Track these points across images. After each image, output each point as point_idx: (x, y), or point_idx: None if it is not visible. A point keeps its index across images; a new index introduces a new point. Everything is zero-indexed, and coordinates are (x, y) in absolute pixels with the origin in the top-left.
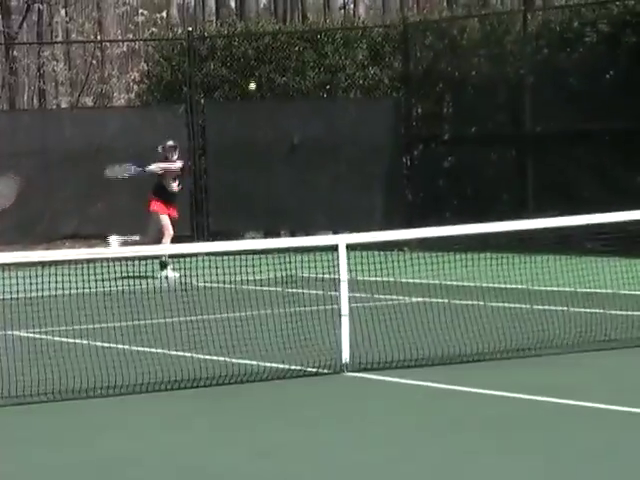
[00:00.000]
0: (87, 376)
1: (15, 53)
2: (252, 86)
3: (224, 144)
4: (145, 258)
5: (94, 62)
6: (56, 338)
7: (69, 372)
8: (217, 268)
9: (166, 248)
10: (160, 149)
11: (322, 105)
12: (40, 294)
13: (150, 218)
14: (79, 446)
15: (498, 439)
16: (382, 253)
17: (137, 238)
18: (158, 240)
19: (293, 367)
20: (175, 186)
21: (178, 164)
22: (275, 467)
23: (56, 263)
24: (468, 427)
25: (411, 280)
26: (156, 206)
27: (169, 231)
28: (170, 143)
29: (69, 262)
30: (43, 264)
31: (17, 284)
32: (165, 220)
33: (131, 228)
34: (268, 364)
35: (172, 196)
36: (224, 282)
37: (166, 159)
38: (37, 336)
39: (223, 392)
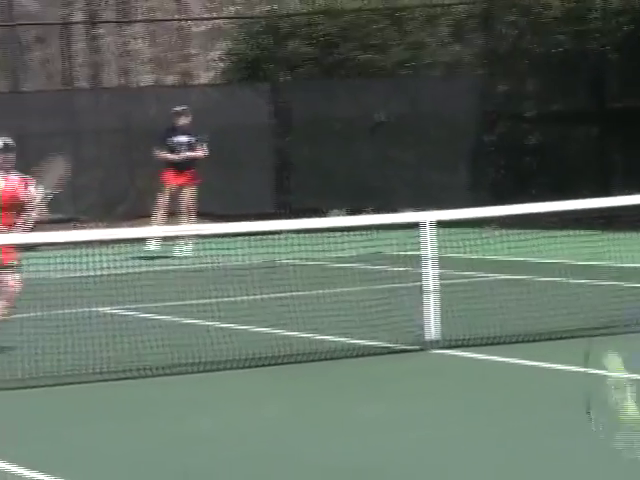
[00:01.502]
0: (171, 352)
1: (98, 32)
2: None
3: (307, 122)
4: (229, 235)
5: (176, 40)
6: (141, 315)
7: (153, 349)
8: (301, 245)
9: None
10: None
11: (405, 83)
12: (125, 271)
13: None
14: (161, 422)
15: (582, 416)
16: (466, 230)
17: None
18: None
19: (378, 344)
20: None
21: (200, 153)
22: (359, 443)
23: (140, 240)
24: (552, 404)
25: (495, 257)
26: (164, 178)
27: (159, 207)
28: (177, 109)
29: (154, 239)
30: (128, 241)
31: (102, 261)
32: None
33: (212, 205)
34: (353, 341)
35: (179, 163)
36: (308, 260)
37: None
38: (122, 312)
39: (308, 369)
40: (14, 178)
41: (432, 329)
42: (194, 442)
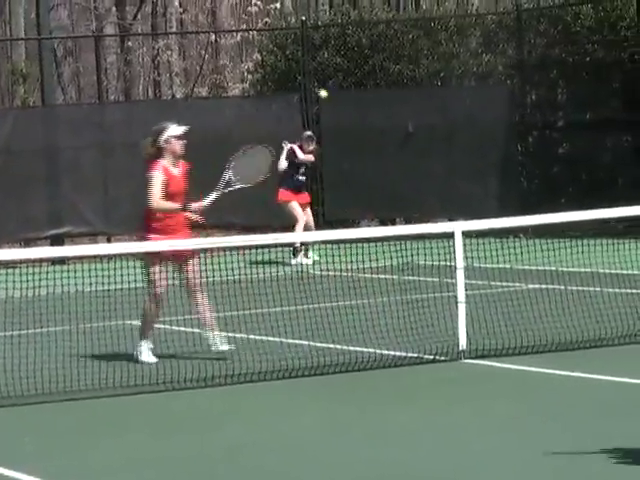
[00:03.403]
0: (205, 365)
1: (130, 44)
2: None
3: (338, 132)
4: (264, 247)
5: (208, 53)
6: (174, 327)
7: (187, 361)
8: (333, 256)
9: (296, 236)
10: (285, 144)
11: (436, 93)
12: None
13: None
14: (195, 434)
15: (615, 425)
16: (498, 240)
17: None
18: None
19: (410, 354)
20: (301, 174)
21: (311, 157)
22: (392, 453)
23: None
24: (585, 413)
25: (527, 267)
26: (283, 195)
27: (298, 218)
28: (308, 133)
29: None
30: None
31: (134, 274)
32: (293, 208)
33: (250, 217)
34: (385, 352)
35: (299, 183)
36: (340, 270)
37: (300, 147)
38: (158, 325)
39: (340, 380)
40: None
41: (464, 339)
42: (228, 453)
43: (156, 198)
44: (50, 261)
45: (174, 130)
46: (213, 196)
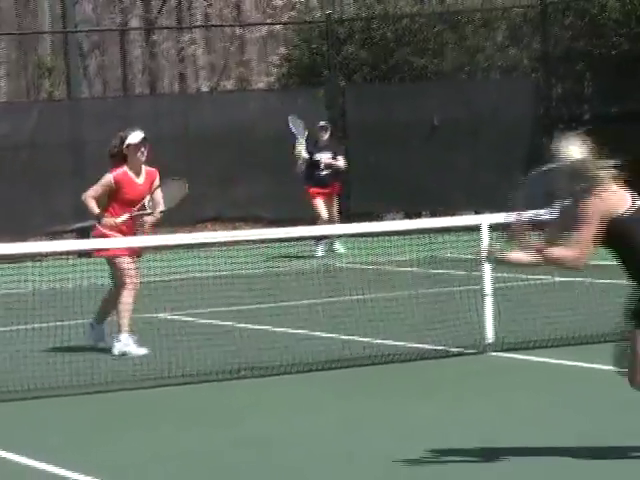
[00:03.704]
0: (231, 357)
1: (155, 38)
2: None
3: (364, 126)
4: (286, 240)
5: (234, 46)
6: (201, 320)
7: (213, 354)
8: (359, 249)
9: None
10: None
11: (461, 86)
12: (185, 276)
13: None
14: (221, 426)
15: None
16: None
17: None
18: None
19: (437, 347)
20: (321, 170)
21: (341, 163)
22: (418, 446)
23: (200, 246)
24: (610, 406)
25: None
26: (309, 191)
27: (319, 215)
28: (321, 123)
29: (212, 245)
30: (188, 247)
31: (156, 267)
32: (315, 205)
33: (272, 210)
34: (412, 344)
35: (321, 177)
36: (366, 263)
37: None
38: (182, 318)
39: (366, 373)
40: (150, 170)
41: (491, 332)
42: (252, 446)
43: (88, 194)
44: (76, 254)
45: (133, 137)
46: (126, 216)
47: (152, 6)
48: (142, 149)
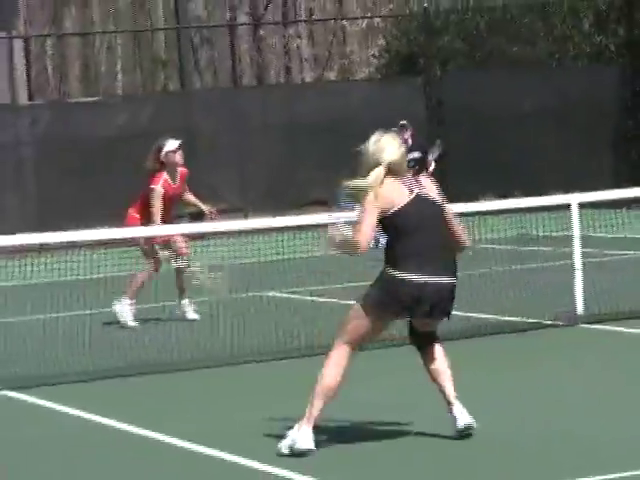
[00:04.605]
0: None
1: (262, 32)
2: None
3: (460, 112)
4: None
5: (337, 39)
6: (302, 297)
7: (320, 330)
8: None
9: None
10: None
11: (552, 73)
12: (290, 256)
13: None
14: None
15: None
16: (611, 211)
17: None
18: None
19: (530, 320)
20: None
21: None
22: (519, 415)
23: (304, 227)
24: None
25: (638, 235)
26: None
27: None
28: (401, 122)
29: (315, 227)
30: (292, 229)
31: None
32: None
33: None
34: (505, 318)
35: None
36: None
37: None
38: (281, 295)
39: (462, 346)
40: (182, 170)
41: (581, 305)
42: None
43: (156, 212)
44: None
45: (170, 145)
46: None
47: (259, 2)
48: (180, 153)
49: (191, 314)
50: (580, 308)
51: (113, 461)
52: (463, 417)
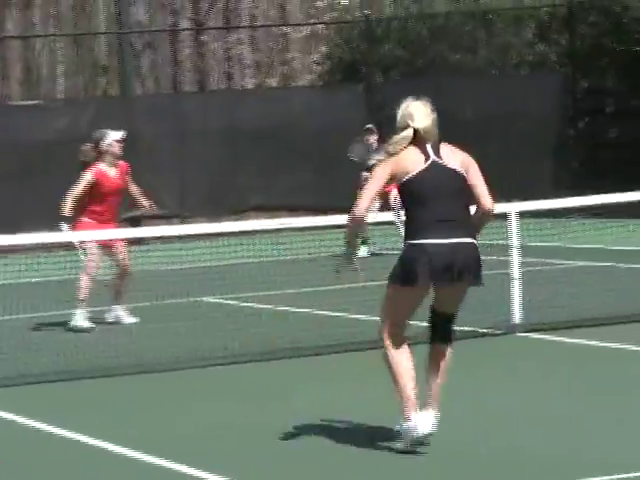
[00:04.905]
0: (271, 340)
1: (204, 38)
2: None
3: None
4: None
5: (281, 44)
6: (242, 304)
7: (256, 335)
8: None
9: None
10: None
11: (493, 81)
12: (228, 262)
13: None
14: (261, 406)
15: None
16: (550, 220)
17: None
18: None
19: (466, 328)
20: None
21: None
22: (453, 424)
23: (243, 233)
24: (636, 384)
25: (577, 245)
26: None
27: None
28: (367, 126)
29: (256, 233)
30: (231, 235)
31: (204, 254)
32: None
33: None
34: None
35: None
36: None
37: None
38: (226, 302)
39: None
40: (122, 163)
41: (518, 313)
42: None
43: (71, 194)
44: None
45: (115, 135)
46: None
47: (201, 8)
48: (122, 144)
49: (127, 318)
50: (517, 317)
51: (45, 466)
52: (427, 424)
